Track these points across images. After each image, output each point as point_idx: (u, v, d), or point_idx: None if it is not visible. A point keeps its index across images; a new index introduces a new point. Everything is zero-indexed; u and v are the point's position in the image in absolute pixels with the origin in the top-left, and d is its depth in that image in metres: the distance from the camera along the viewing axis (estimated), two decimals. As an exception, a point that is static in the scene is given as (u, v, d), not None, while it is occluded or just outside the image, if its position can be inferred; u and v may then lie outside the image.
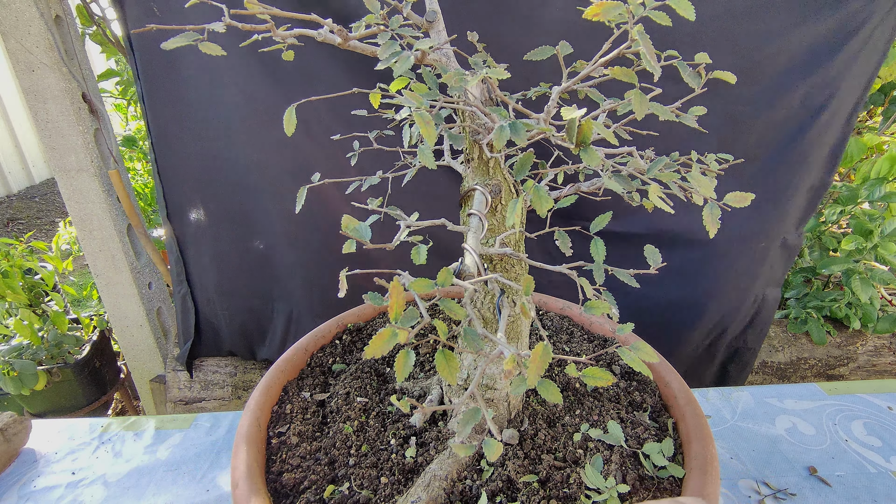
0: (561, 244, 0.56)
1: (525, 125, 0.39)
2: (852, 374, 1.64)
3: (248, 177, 1.27)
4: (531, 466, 0.60)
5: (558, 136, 0.43)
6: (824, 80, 1.11)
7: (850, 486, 0.79)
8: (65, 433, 0.91)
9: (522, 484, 0.57)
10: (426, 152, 0.40)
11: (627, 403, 0.72)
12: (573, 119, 0.37)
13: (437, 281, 0.38)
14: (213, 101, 1.20)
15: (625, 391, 0.75)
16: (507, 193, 0.57)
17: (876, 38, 1.09)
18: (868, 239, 1.45)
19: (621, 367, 0.80)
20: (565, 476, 0.58)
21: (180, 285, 1.44)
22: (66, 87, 1.22)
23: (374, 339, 0.34)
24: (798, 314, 1.62)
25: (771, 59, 1.09)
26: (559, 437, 0.65)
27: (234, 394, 1.56)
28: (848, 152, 1.63)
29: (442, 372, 0.36)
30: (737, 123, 1.17)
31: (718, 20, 1.05)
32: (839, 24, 1.05)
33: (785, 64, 1.10)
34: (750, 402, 0.97)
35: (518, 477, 0.58)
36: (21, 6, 1.14)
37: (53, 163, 1.29)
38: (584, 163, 0.40)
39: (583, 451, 0.62)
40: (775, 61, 1.10)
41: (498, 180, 0.56)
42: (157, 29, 0.43)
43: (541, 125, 0.42)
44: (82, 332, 1.72)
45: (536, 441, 0.64)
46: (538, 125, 0.42)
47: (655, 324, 1.40)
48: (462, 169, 0.59)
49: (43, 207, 3.98)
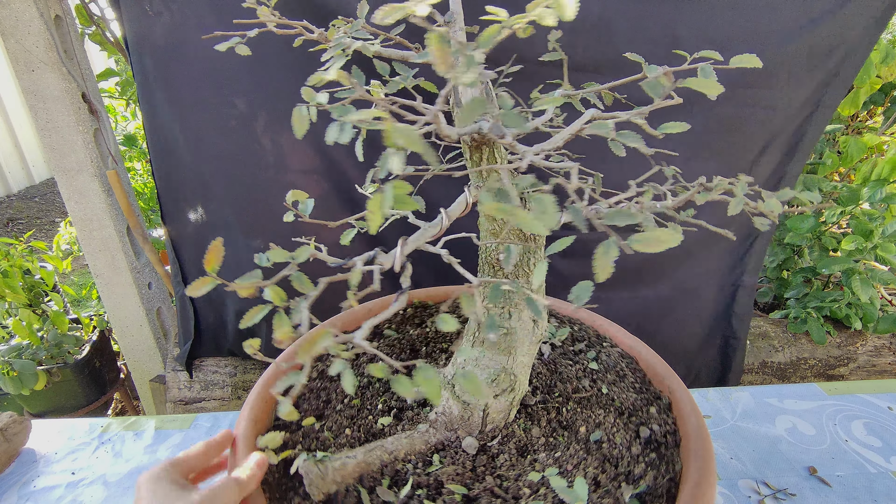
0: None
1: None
2: (852, 374, 1.64)
3: (248, 177, 1.27)
4: (469, 481, 0.57)
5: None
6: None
7: (850, 487, 0.79)
8: (65, 433, 0.91)
9: (447, 491, 0.55)
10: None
11: (625, 472, 0.59)
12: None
13: (294, 254, 0.39)
14: (212, 102, 1.20)
15: (635, 458, 0.60)
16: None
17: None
18: (869, 239, 1.45)
19: (650, 431, 0.64)
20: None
21: (179, 286, 1.44)
22: (66, 87, 1.22)
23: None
24: (798, 314, 1.62)
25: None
26: (518, 468, 0.59)
27: (233, 394, 1.56)
28: (848, 152, 1.63)
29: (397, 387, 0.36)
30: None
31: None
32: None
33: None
34: (750, 402, 0.97)
35: (449, 483, 0.56)
36: (21, 6, 1.13)
37: (53, 163, 1.29)
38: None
39: (529, 492, 0.55)
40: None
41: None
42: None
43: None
44: (82, 332, 1.73)
45: (494, 461, 0.60)
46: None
47: (635, 321, 1.41)
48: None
49: (43, 207, 3.98)
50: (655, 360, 0.74)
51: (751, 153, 1.24)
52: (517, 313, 0.59)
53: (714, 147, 1.21)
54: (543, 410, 0.67)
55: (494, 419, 0.63)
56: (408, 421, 0.67)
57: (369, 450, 0.59)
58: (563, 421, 0.66)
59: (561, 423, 0.66)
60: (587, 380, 0.72)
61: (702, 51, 0.45)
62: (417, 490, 0.55)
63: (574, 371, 0.74)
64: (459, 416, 0.62)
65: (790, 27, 1.07)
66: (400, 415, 0.68)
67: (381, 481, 0.57)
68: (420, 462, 0.59)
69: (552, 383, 0.72)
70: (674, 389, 0.67)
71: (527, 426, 0.65)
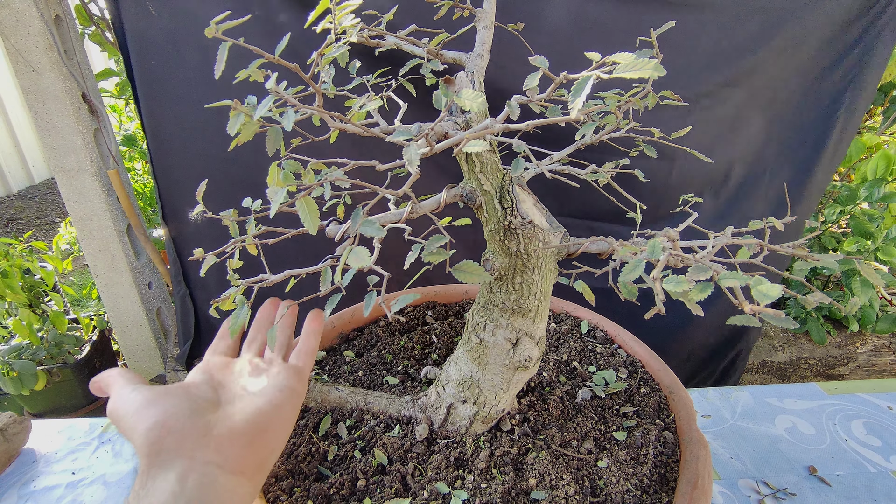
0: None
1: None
2: (852, 373, 1.64)
3: (248, 176, 1.27)
4: (396, 458, 0.59)
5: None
6: None
7: (850, 486, 0.79)
8: (65, 433, 0.91)
9: (373, 454, 0.59)
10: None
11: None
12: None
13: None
14: (211, 101, 1.20)
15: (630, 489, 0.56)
16: (490, 207, 0.52)
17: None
18: (872, 241, 1.45)
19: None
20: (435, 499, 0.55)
21: (179, 285, 1.44)
22: (66, 87, 1.22)
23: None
24: (798, 314, 1.62)
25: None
26: (440, 473, 0.58)
27: (233, 394, 1.56)
28: (848, 152, 1.64)
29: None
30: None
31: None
32: None
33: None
34: (750, 401, 0.97)
35: (378, 448, 0.60)
36: (21, 6, 1.14)
37: (53, 163, 1.29)
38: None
39: (427, 496, 0.55)
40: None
41: (472, 187, 0.52)
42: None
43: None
44: (82, 332, 1.72)
45: (429, 457, 0.59)
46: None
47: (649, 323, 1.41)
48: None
49: (43, 207, 3.98)
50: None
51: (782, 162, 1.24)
52: (492, 327, 0.57)
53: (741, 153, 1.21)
54: (510, 442, 0.61)
55: (456, 422, 0.62)
56: (405, 389, 0.71)
57: (354, 392, 0.66)
58: (520, 462, 0.59)
59: (516, 464, 0.59)
60: (593, 444, 0.62)
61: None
62: (360, 441, 0.62)
63: (587, 429, 0.64)
64: (432, 404, 0.63)
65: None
66: (406, 381, 0.73)
67: (346, 420, 0.65)
68: (384, 423, 0.64)
69: (547, 425, 0.64)
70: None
71: (481, 445, 0.61)
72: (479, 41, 0.57)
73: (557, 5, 1.05)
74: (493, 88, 0.64)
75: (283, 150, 0.42)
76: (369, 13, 0.64)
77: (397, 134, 0.41)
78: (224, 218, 0.49)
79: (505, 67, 0.99)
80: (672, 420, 0.66)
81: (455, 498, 0.54)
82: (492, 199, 0.52)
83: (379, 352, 0.78)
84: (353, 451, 0.60)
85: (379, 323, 0.86)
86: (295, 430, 0.62)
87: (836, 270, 0.41)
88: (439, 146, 0.40)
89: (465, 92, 0.40)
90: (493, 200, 0.52)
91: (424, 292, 0.93)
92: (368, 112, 0.56)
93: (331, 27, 0.43)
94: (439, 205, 0.50)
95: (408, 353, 0.78)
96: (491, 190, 0.52)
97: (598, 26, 1.07)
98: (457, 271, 0.46)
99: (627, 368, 0.75)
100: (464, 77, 0.53)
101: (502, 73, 0.99)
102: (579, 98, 0.32)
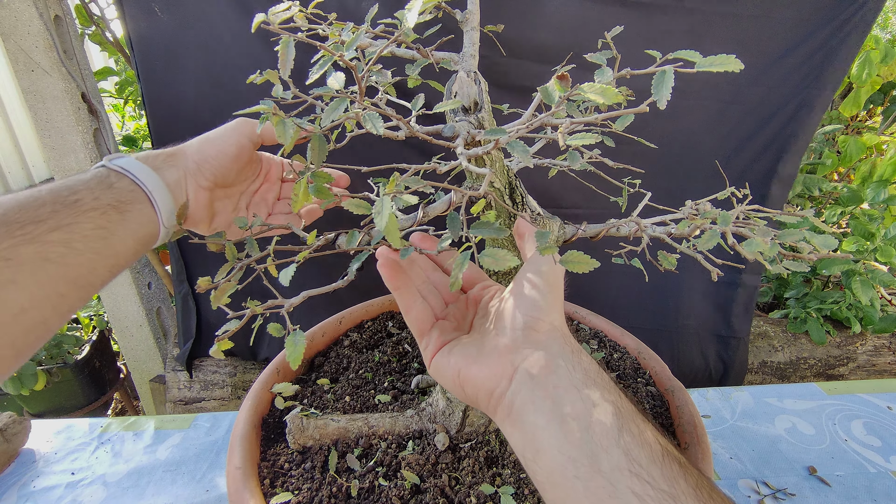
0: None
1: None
2: (852, 373, 1.64)
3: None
4: (426, 473, 0.57)
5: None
6: None
7: (850, 486, 0.79)
8: (64, 433, 0.91)
9: (402, 476, 0.57)
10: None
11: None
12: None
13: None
14: (214, 101, 1.20)
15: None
16: (499, 204, 0.51)
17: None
18: (871, 241, 1.45)
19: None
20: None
21: (181, 285, 1.44)
22: (66, 87, 1.22)
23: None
24: (798, 314, 1.62)
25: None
26: (477, 476, 0.58)
27: (233, 394, 1.56)
28: (847, 152, 1.64)
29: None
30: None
31: None
32: None
33: None
34: (749, 401, 0.97)
35: (405, 469, 0.57)
36: (20, 6, 1.13)
37: (53, 163, 1.29)
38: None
39: (475, 502, 0.55)
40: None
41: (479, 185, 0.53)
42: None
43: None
44: (82, 332, 1.72)
45: (459, 463, 0.59)
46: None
47: (638, 317, 1.41)
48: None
49: (43, 207, 3.98)
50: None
51: (744, 154, 1.24)
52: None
53: (703, 148, 1.22)
54: None
55: (474, 423, 0.62)
56: (402, 403, 0.68)
57: (352, 419, 0.62)
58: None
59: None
60: None
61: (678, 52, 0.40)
62: (379, 467, 0.58)
63: None
64: (443, 411, 0.62)
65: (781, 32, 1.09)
66: (399, 396, 0.70)
67: (353, 450, 0.60)
68: (395, 443, 0.61)
69: None
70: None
71: (505, 439, 0.60)
72: (469, 41, 0.56)
73: (548, 6, 1.06)
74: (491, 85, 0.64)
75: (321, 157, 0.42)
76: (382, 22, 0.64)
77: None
78: (226, 248, 0.48)
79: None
80: (649, 376, 0.75)
81: (504, 495, 0.54)
82: (501, 195, 0.52)
83: (356, 372, 0.74)
84: (376, 480, 0.56)
85: (342, 343, 0.82)
86: (306, 476, 0.57)
87: (830, 253, 0.43)
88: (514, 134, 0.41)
89: (587, 86, 0.38)
90: (502, 196, 0.52)
91: (379, 304, 0.90)
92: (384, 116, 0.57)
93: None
94: (451, 205, 0.50)
95: (386, 367, 0.76)
96: (500, 186, 0.52)
97: (575, 30, 1.08)
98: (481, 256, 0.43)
99: (596, 339, 0.83)
100: (464, 76, 0.53)
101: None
102: (664, 91, 0.36)
